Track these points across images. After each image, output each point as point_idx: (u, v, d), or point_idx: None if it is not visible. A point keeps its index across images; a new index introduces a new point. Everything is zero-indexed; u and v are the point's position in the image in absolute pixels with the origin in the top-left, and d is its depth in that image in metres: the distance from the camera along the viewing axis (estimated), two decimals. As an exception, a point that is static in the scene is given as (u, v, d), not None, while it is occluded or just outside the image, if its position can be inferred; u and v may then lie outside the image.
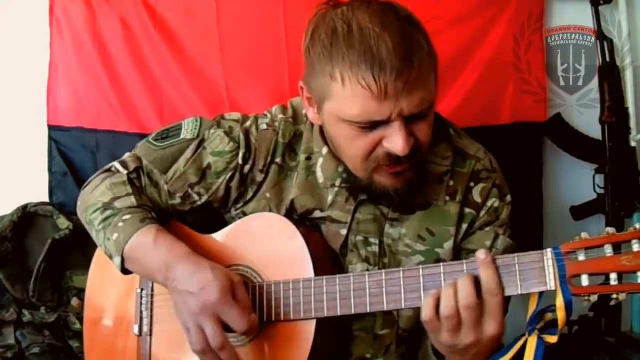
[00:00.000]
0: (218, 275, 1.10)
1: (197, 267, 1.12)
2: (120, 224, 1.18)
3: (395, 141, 1.06)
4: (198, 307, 1.08)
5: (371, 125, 1.07)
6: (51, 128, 1.91)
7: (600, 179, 1.83)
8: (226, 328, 1.10)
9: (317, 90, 1.11)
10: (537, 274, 1.00)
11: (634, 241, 0.95)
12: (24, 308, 1.72)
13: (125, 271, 1.20)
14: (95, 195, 1.25)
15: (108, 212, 1.21)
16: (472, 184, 1.25)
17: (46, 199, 1.90)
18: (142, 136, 1.77)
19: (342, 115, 1.08)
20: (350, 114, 1.07)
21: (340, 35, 1.05)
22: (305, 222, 1.25)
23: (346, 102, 1.06)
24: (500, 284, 1.01)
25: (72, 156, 1.90)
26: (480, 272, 1.02)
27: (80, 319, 1.66)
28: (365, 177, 1.15)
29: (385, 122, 1.06)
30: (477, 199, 1.24)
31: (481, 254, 1.03)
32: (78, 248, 1.77)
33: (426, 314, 1.03)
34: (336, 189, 1.24)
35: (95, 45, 1.89)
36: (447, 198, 1.23)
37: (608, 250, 0.96)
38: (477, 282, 1.02)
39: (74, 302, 1.75)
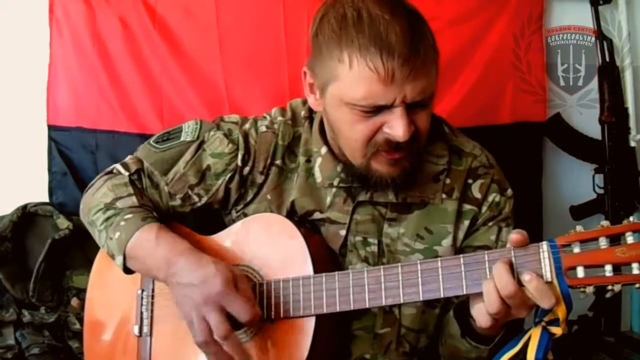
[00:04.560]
0: (220, 268, 1.11)
1: (198, 261, 1.12)
2: (122, 223, 1.19)
3: (397, 127, 1.08)
4: (201, 297, 1.09)
5: (374, 110, 1.09)
6: (51, 128, 1.91)
7: (599, 179, 1.83)
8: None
9: (322, 74, 1.13)
10: (533, 266, 1.00)
11: (627, 233, 0.96)
12: (24, 308, 1.72)
13: (127, 270, 1.20)
14: (97, 197, 1.26)
15: (110, 212, 1.22)
16: (470, 181, 1.25)
17: (46, 199, 1.89)
18: (142, 136, 1.78)
19: (346, 99, 1.09)
20: (355, 97, 1.08)
21: (350, 20, 1.07)
22: (305, 224, 1.25)
23: (352, 85, 1.08)
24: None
25: (72, 156, 1.90)
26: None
27: (80, 319, 1.66)
28: (363, 164, 1.16)
29: (388, 108, 1.08)
30: (477, 194, 1.25)
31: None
32: (78, 248, 1.76)
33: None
34: (334, 189, 1.24)
35: (95, 45, 1.89)
36: (444, 196, 1.24)
37: (603, 242, 0.97)
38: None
39: (74, 302, 1.75)
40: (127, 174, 1.28)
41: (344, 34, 1.07)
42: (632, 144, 1.83)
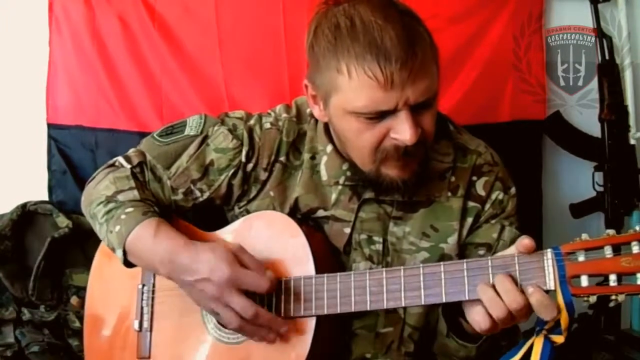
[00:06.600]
0: (218, 252, 1.11)
1: (198, 253, 1.12)
2: (123, 217, 1.19)
3: (403, 131, 1.07)
4: (216, 288, 1.09)
5: (378, 116, 1.08)
6: (50, 126, 1.91)
7: (599, 177, 1.83)
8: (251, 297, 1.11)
9: (323, 86, 1.12)
10: (536, 274, 1.00)
11: (633, 243, 0.95)
12: (24, 306, 1.72)
13: (128, 264, 1.20)
14: (99, 189, 1.26)
15: (111, 205, 1.22)
16: (474, 178, 1.26)
17: (45, 198, 1.89)
18: (142, 134, 1.78)
19: (349, 108, 1.09)
20: (357, 105, 1.08)
21: (344, 30, 1.07)
22: (308, 221, 1.25)
23: (353, 94, 1.07)
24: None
25: (72, 154, 1.90)
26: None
27: (80, 318, 1.66)
28: (373, 170, 1.15)
29: (392, 112, 1.07)
30: (481, 192, 1.25)
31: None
32: (77, 246, 1.76)
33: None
34: (340, 187, 1.24)
35: (95, 43, 1.88)
36: (449, 194, 1.24)
37: (608, 251, 0.96)
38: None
39: (74, 300, 1.74)
40: (129, 166, 1.27)
41: (339, 44, 1.07)
42: (632, 141, 1.83)
